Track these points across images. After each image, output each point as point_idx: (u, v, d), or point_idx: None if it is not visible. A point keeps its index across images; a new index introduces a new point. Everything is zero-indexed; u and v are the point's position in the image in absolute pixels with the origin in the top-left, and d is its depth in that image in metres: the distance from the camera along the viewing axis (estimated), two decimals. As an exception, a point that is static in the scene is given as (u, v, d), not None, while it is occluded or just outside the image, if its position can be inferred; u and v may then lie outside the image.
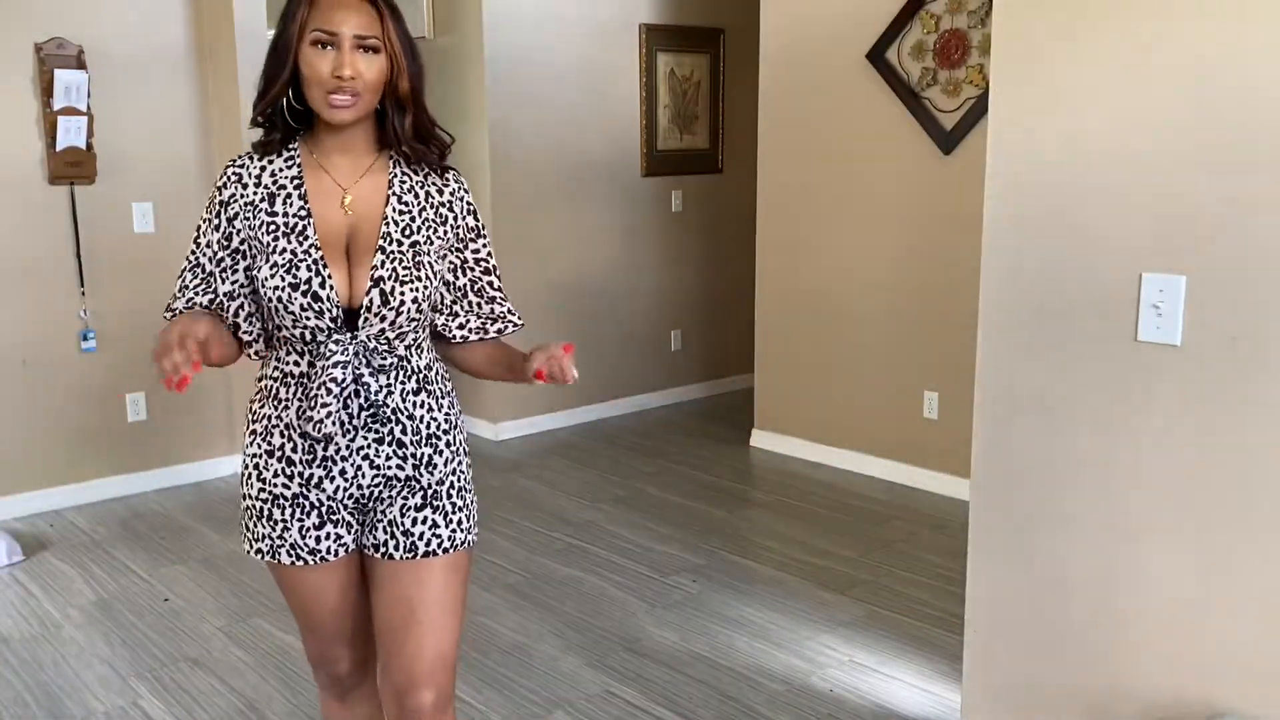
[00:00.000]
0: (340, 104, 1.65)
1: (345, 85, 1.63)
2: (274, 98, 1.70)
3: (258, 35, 4.47)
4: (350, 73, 1.63)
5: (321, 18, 1.64)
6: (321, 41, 1.64)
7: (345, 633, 1.91)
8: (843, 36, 4.60)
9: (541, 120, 5.34)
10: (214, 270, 1.75)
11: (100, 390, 4.45)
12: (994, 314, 2.09)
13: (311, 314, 1.68)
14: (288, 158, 1.74)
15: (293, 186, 1.72)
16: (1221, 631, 1.85)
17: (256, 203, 1.72)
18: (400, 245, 1.72)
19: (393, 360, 1.74)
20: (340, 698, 2.01)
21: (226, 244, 1.74)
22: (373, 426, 1.74)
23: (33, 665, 3.08)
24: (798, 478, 4.76)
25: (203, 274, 1.76)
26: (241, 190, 1.73)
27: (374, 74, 1.66)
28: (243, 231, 1.72)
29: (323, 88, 1.64)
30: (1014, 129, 2.01)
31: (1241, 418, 1.78)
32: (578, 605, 3.44)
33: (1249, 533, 1.80)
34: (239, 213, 1.73)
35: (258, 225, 1.71)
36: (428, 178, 1.79)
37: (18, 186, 4.17)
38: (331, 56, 1.64)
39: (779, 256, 5.05)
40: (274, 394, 1.76)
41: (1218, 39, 1.74)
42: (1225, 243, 1.76)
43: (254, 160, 1.75)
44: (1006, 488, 2.11)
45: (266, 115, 1.73)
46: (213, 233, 1.75)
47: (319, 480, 1.75)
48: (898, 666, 3.02)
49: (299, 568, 1.81)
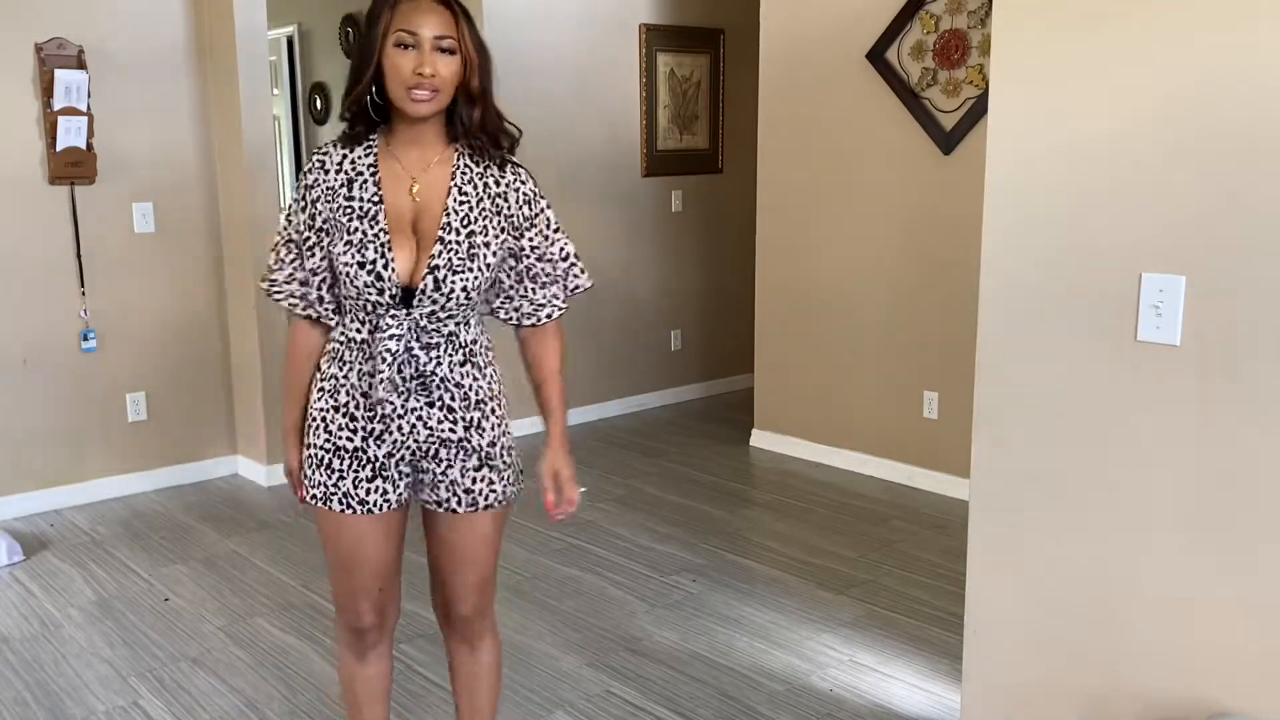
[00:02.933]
0: (420, 98, 1.84)
1: (425, 82, 1.82)
2: (360, 94, 1.89)
3: (258, 35, 4.47)
4: (430, 70, 1.82)
5: (404, 20, 1.83)
6: (404, 43, 1.83)
7: (372, 588, 2.07)
8: (843, 36, 4.60)
9: (541, 120, 5.33)
10: (302, 247, 1.98)
11: (100, 390, 4.45)
12: (994, 314, 2.09)
13: (374, 290, 1.88)
14: (366, 147, 1.94)
15: (369, 174, 1.92)
16: (1221, 631, 1.85)
17: (336, 187, 1.92)
18: (458, 235, 1.91)
19: (440, 337, 1.94)
20: (359, 655, 2.17)
21: (312, 224, 1.95)
22: (420, 394, 1.94)
23: (33, 665, 3.08)
24: (798, 478, 4.76)
25: (295, 249, 1.99)
26: (324, 176, 1.93)
27: (450, 72, 1.85)
28: (324, 213, 1.93)
29: (404, 84, 1.83)
30: (1014, 129, 2.01)
31: (1241, 417, 1.78)
32: (577, 605, 3.44)
33: (1249, 532, 1.80)
34: (321, 196, 1.93)
35: (336, 208, 1.92)
36: (488, 169, 1.97)
37: (18, 186, 4.17)
38: (413, 56, 1.82)
39: (779, 256, 5.05)
40: (340, 356, 1.98)
41: (1218, 39, 1.74)
42: (1225, 243, 1.76)
43: (337, 149, 1.95)
44: (1006, 488, 2.11)
45: (352, 110, 1.92)
46: (300, 214, 1.97)
47: (379, 434, 1.96)
48: (898, 666, 3.02)
49: (346, 515, 2.00)
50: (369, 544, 2.03)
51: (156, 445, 4.63)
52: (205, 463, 4.78)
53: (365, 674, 2.18)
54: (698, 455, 5.11)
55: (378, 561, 2.05)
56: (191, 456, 4.74)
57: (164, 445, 4.65)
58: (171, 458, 4.68)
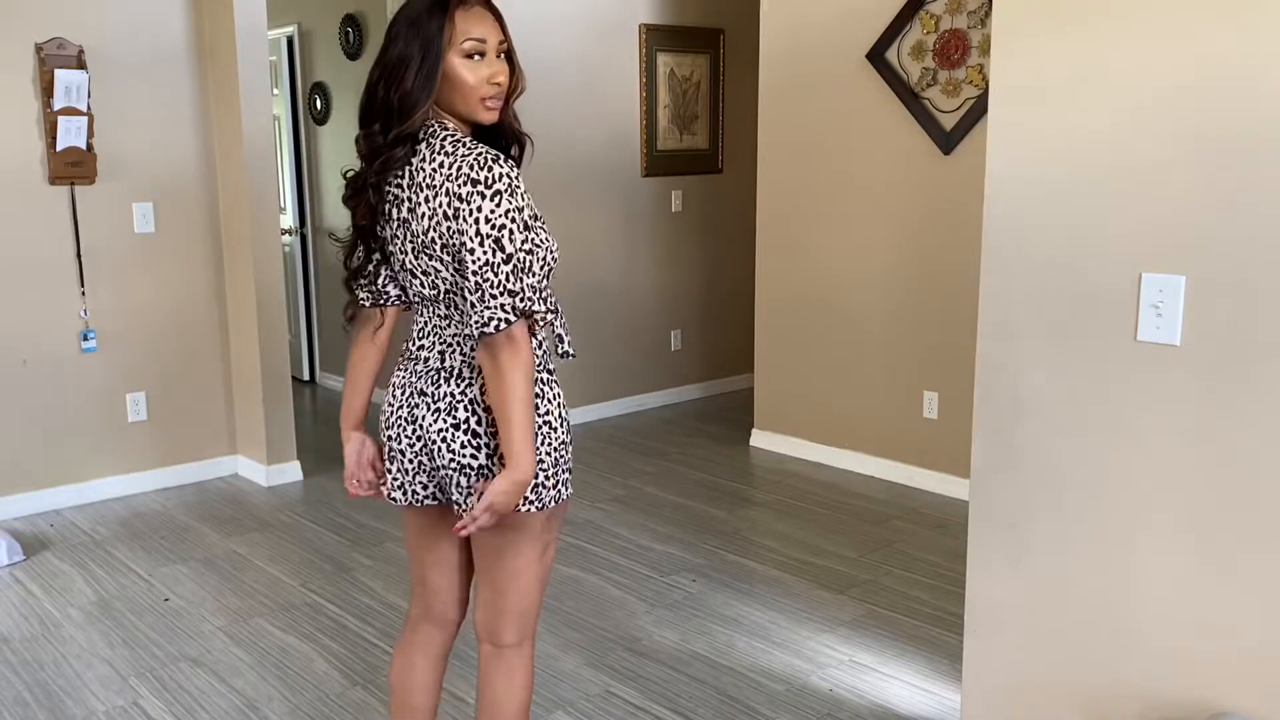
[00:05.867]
0: (493, 107, 1.85)
1: (499, 91, 1.84)
2: (424, 115, 1.82)
3: (258, 35, 4.47)
4: (502, 78, 1.84)
5: (468, 29, 1.81)
6: (475, 52, 1.81)
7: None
8: (843, 36, 4.60)
9: (541, 120, 5.31)
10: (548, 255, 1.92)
11: (100, 390, 4.45)
12: (994, 314, 2.09)
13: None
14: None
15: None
16: (1221, 631, 1.85)
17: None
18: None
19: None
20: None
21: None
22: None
23: (33, 665, 3.09)
24: (797, 478, 4.76)
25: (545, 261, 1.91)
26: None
27: (507, 76, 1.86)
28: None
29: (479, 94, 1.83)
30: (1013, 129, 2.01)
31: (1241, 417, 1.78)
32: (577, 605, 3.44)
33: (1249, 532, 1.80)
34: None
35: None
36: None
37: (18, 186, 4.17)
38: (484, 65, 1.82)
39: (779, 256, 5.05)
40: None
41: (1217, 39, 1.74)
42: (1225, 243, 1.76)
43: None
44: (1006, 488, 2.11)
45: (406, 130, 1.82)
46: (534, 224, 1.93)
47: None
48: (898, 666, 3.02)
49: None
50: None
51: (156, 445, 4.63)
52: (205, 463, 4.78)
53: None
54: (697, 455, 5.11)
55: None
56: (191, 456, 4.74)
57: (164, 445, 4.65)
58: (171, 458, 4.68)
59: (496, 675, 2.04)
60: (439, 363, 1.91)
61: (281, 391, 4.69)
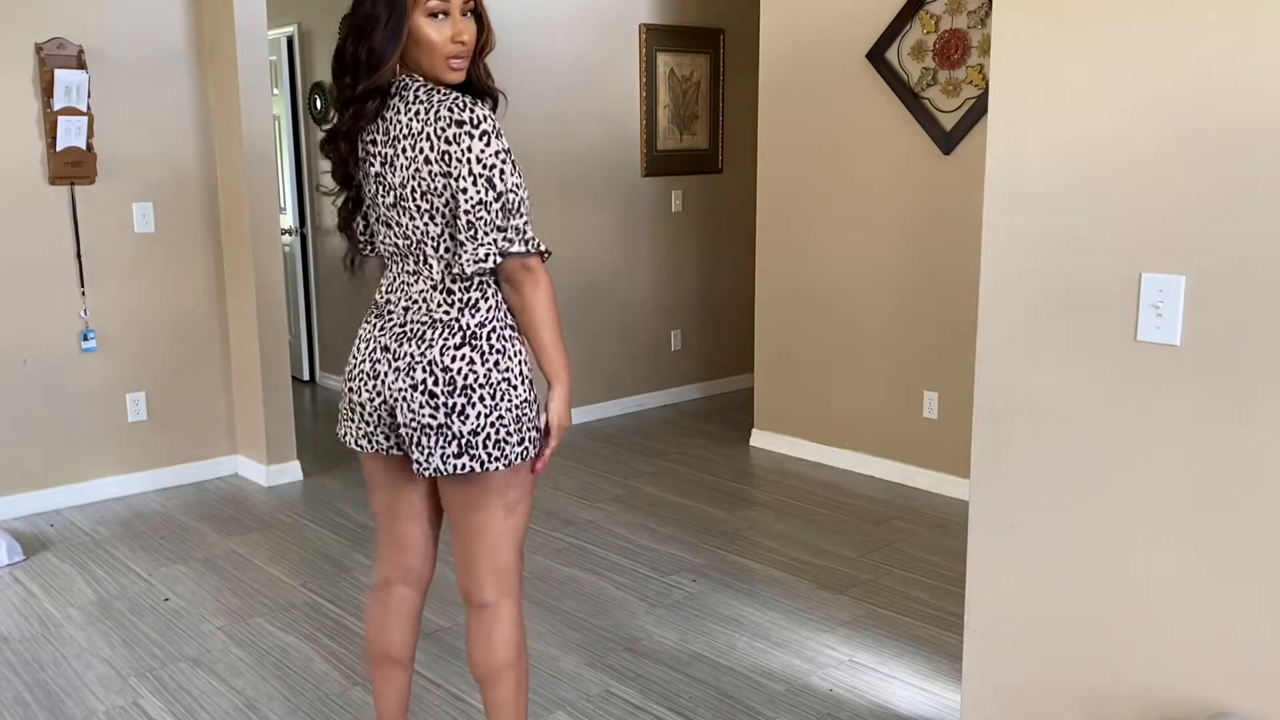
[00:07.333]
0: (458, 66, 1.90)
1: (462, 49, 1.88)
2: (390, 69, 1.90)
3: (258, 35, 4.47)
4: (467, 37, 1.88)
5: None
6: (437, 11, 1.87)
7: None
8: (843, 37, 4.60)
9: (541, 120, 5.34)
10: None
11: (100, 390, 4.45)
12: (994, 314, 2.09)
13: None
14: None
15: None
16: (1221, 631, 1.85)
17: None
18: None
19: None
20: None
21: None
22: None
23: (33, 665, 3.08)
24: (797, 478, 4.76)
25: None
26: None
27: (473, 35, 1.91)
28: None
29: (444, 54, 1.88)
30: (1014, 129, 2.01)
31: (1241, 417, 1.78)
32: (577, 605, 3.44)
33: (1249, 532, 1.80)
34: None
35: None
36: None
37: (18, 186, 4.17)
38: (448, 24, 1.87)
39: (779, 256, 5.05)
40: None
41: (1217, 39, 1.74)
42: (1225, 243, 1.76)
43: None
44: (1006, 488, 2.11)
45: (367, 91, 1.91)
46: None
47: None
48: (898, 666, 3.02)
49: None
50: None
51: (156, 445, 4.63)
52: (205, 463, 4.78)
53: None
54: (697, 455, 5.11)
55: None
56: (191, 456, 4.75)
57: (164, 445, 4.65)
58: (171, 458, 4.68)
59: (478, 633, 2.10)
60: (402, 318, 1.98)
61: (282, 391, 4.69)
